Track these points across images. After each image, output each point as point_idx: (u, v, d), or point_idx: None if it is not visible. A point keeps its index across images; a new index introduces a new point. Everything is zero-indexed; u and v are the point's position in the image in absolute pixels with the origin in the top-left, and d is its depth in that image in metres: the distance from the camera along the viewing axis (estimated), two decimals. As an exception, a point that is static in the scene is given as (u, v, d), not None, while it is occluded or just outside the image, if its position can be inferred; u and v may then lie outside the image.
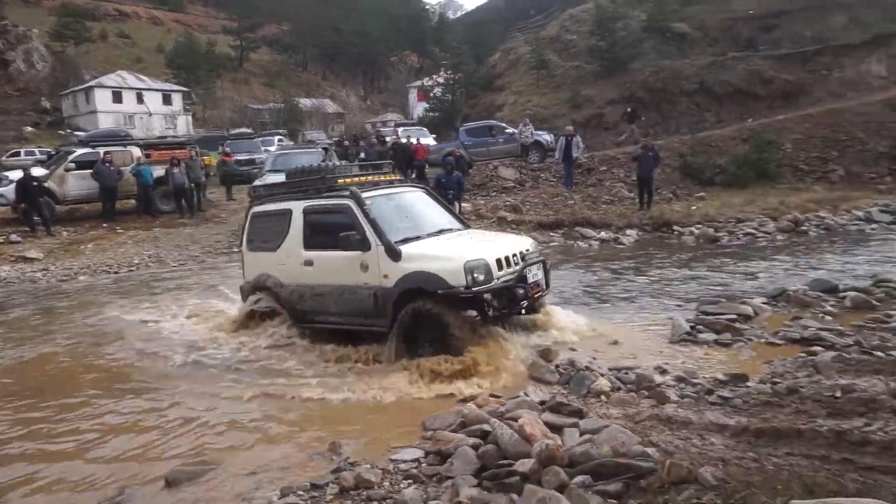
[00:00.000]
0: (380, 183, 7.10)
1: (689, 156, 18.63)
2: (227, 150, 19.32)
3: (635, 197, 16.01)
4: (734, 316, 6.81)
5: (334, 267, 6.42)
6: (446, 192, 12.33)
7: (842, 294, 7.44)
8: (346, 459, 4.16)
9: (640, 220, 14.28)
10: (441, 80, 36.48)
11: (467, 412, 4.49)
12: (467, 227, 7.37)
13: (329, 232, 6.35)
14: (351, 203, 6.36)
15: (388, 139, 22.64)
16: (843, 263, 9.90)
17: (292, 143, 28.29)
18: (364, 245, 6.11)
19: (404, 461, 4.03)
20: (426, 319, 5.77)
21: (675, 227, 13.87)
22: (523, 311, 6.42)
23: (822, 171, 18.18)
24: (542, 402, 4.62)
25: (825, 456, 3.38)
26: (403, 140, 21.32)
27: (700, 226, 13.78)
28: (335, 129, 46.08)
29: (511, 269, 6.03)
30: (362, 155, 18.43)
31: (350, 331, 6.49)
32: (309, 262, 6.63)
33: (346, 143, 20.22)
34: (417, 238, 6.35)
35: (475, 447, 3.89)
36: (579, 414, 4.28)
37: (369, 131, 36.56)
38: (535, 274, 6.30)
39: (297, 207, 6.80)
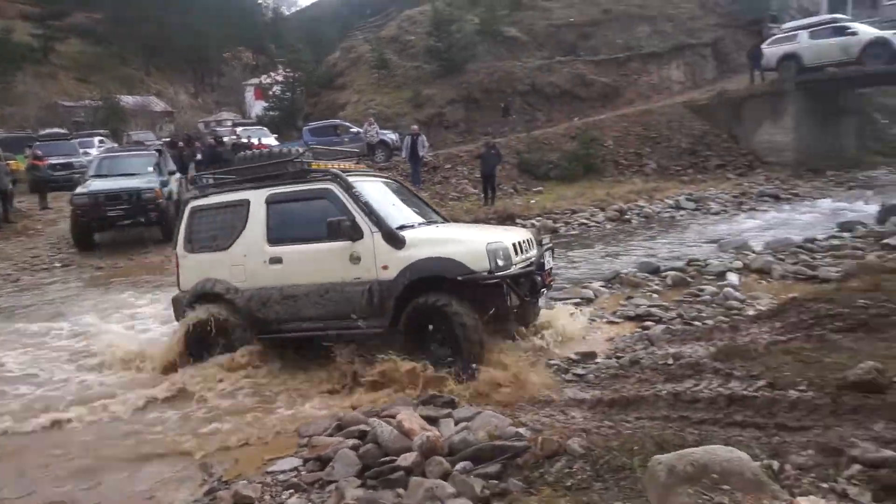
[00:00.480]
0: (351, 171, 6.33)
1: (525, 153, 19.90)
2: (38, 153, 17.14)
3: (480, 193, 16.80)
4: (578, 300, 7.46)
5: (312, 262, 5.62)
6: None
7: (663, 274, 8.45)
8: (220, 478, 3.97)
9: (485, 215, 15.01)
10: (280, 77, 35.34)
11: (343, 415, 4.49)
12: (448, 221, 6.86)
13: (304, 223, 5.73)
14: (334, 187, 5.63)
15: (225, 139, 21.49)
16: (661, 245, 11.24)
17: (116, 144, 25.73)
18: (355, 233, 5.39)
19: (282, 472, 3.93)
20: (437, 316, 5.08)
21: (517, 220, 14.77)
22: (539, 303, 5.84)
23: (638, 165, 20.36)
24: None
25: (667, 416, 3.87)
26: (244, 140, 20.37)
27: (540, 218, 14.82)
28: (164, 129, 42.69)
29: (524, 257, 5.55)
30: (199, 157, 17.32)
31: (325, 338, 5.62)
32: (276, 260, 5.75)
33: (180, 143, 18.84)
34: (412, 227, 5.72)
35: (355, 448, 3.90)
36: (452, 404, 4.46)
37: (203, 131, 34.41)
38: (548, 261, 5.94)
39: (256, 197, 5.93)
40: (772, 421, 3.61)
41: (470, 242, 5.28)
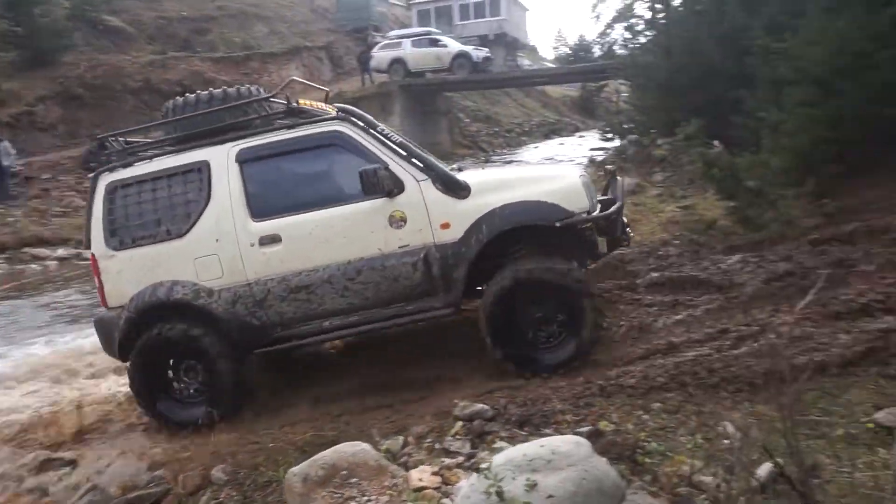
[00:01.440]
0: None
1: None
2: None
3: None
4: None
5: (332, 235, 4.19)
6: None
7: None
8: None
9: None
10: None
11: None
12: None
13: (306, 183, 4.40)
14: (345, 128, 4.24)
15: None
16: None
17: None
18: (395, 185, 4.08)
19: None
20: (537, 285, 3.99)
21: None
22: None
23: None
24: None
25: (309, 417, 4.07)
26: None
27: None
28: None
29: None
30: None
31: (357, 334, 4.43)
32: (270, 239, 4.22)
33: None
34: (457, 170, 4.61)
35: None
36: (73, 464, 3.87)
37: None
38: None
39: (218, 157, 4.31)
40: (397, 398, 4.12)
41: (560, 178, 4.36)
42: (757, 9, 8.82)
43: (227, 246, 4.26)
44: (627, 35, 14.95)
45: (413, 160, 4.28)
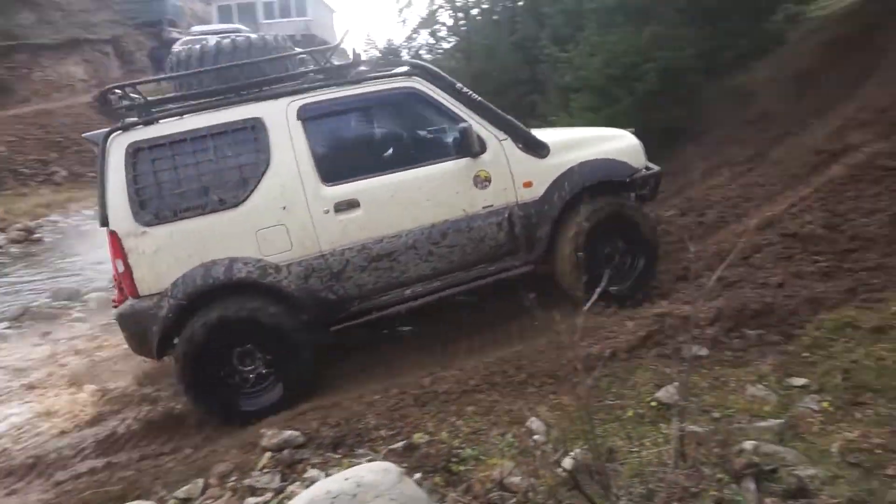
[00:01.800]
0: None
1: None
2: None
3: None
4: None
5: (416, 198, 4.03)
6: None
7: (85, 297, 7.67)
8: None
9: None
10: None
11: None
12: None
13: (382, 142, 4.30)
14: (422, 85, 4.07)
15: None
16: (77, 266, 10.18)
17: None
18: (480, 145, 4.05)
19: None
20: (615, 227, 4.38)
21: None
22: None
23: (45, 174, 17.85)
24: None
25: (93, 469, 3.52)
26: None
27: None
28: None
29: None
30: None
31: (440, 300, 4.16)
32: (347, 205, 3.91)
33: None
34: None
35: None
36: None
37: None
38: None
39: (276, 113, 3.82)
40: (199, 435, 3.72)
41: (622, 138, 4.65)
42: (544, 20, 9.55)
43: (297, 214, 3.84)
44: (432, 40, 15.39)
45: (494, 119, 4.25)
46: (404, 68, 4.37)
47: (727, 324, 3.75)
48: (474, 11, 13.24)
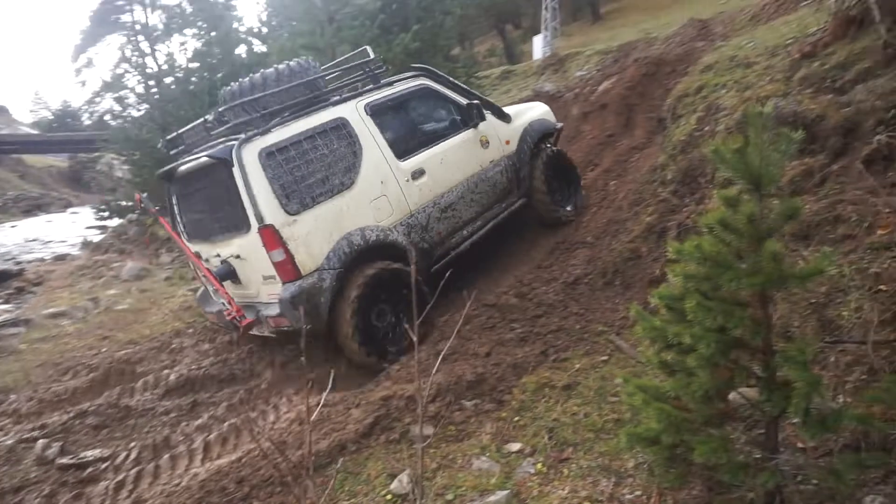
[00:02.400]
0: None
1: None
2: None
3: None
4: None
5: (456, 161, 5.53)
6: None
7: None
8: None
9: None
10: None
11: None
12: None
13: (422, 124, 5.51)
14: (429, 81, 5.62)
15: None
16: None
17: None
18: (480, 116, 5.74)
19: None
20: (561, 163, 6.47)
21: None
22: None
23: None
24: None
25: None
26: None
27: None
28: None
29: None
30: None
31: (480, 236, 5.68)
32: (419, 173, 5.23)
33: None
34: None
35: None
36: None
37: None
38: None
39: (352, 112, 4.98)
40: None
41: (542, 106, 6.89)
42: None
43: (391, 186, 4.97)
44: (118, 107, 13.87)
45: (478, 100, 5.74)
46: (414, 72, 5.67)
47: (447, 398, 3.86)
48: (168, 80, 12.39)
